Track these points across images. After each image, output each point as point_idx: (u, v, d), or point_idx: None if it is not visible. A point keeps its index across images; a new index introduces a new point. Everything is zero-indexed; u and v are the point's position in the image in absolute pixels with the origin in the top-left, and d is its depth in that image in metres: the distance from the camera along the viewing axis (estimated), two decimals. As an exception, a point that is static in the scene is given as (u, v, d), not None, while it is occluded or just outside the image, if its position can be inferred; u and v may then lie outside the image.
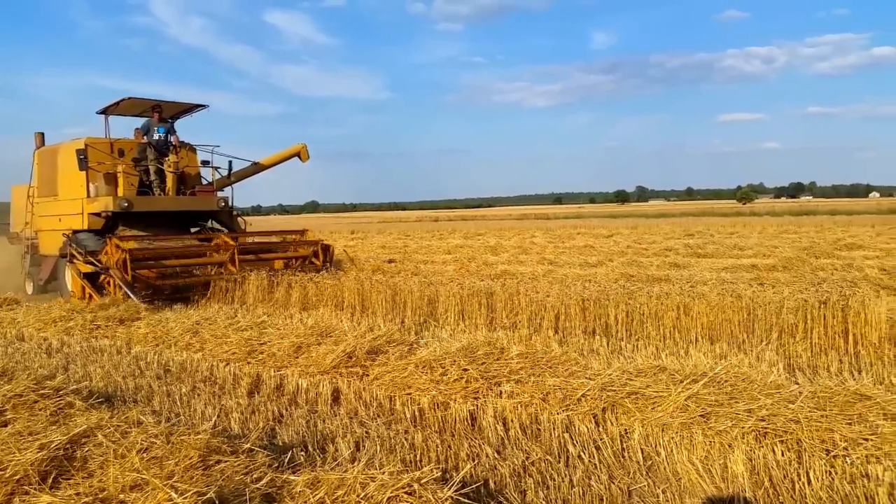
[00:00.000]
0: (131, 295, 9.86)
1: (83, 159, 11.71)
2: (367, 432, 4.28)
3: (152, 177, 12.28)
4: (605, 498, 3.30)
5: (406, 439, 4.11)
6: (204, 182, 13.36)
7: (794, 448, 3.56)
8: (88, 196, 11.65)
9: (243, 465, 3.22)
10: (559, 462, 3.74)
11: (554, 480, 3.49)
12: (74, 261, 10.74)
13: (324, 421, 4.57)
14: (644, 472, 3.58)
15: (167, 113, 12.90)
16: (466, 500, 2.97)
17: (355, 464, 3.15)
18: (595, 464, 3.69)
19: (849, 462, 3.33)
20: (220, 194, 13.17)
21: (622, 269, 12.95)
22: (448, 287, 8.42)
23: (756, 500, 3.20)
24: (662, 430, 3.94)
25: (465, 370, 5.04)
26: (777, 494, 3.22)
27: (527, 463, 3.73)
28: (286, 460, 3.54)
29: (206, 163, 13.33)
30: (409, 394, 4.93)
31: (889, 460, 3.28)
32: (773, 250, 15.73)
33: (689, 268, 13.28)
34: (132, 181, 12.06)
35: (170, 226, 12.48)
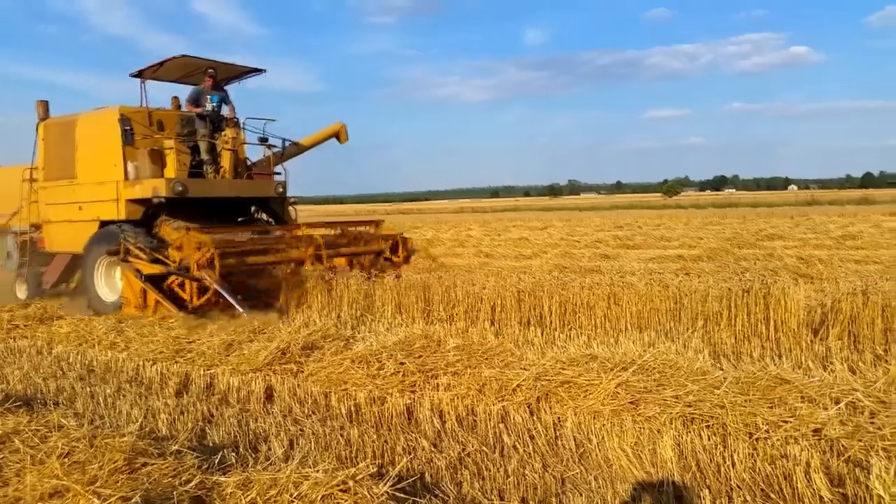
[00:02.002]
0: (235, 304, 7.71)
1: (128, 132, 9.29)
2: (301, 430, 4.21)
3: (204, 155, 9.90)
4: (538, 486, 3.35)
5: (342, 436, 4.07)
6: (248, 163, 10.95)
7: (720, 432, 3.69)
8: (126, 178, 9.28)
9: (171, 468, 3.11)
10: (494, 452, 3.77)
11: (489, 471, 3.51)
12: (130, 259, 8.38)
13: (256, 420, 4.47)
14: (577, 460, 3.65)
15: (221, 77, 10.48)
16: (402, 495, 2.96)
17: (289, 463, 3.09)
18: (529, 453, 3.73)
19: (770, 444, 3.48)
20: (277, 178, 10.98)
21: (556, 261, 13.18)
22: (385, 280, 8.37)
23: (684, 483, 3.30)
24: (594, 418, 4.02)
25: (402, 364, 5.03)
26: (704, 478, 3.33)
27: (463, 455, 3.74)
28: (216, 461, 3.45)
29: (264, 140, 10.77)
30: (346, 389, 4.88)
31: (806, 441, 3.44)
32: (699, 241, 16.28)
33: (618, 259, 13.63)
34: (183, 160, 9.80)
35: (216, 215, 10.19)
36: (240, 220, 10.97)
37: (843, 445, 3.34)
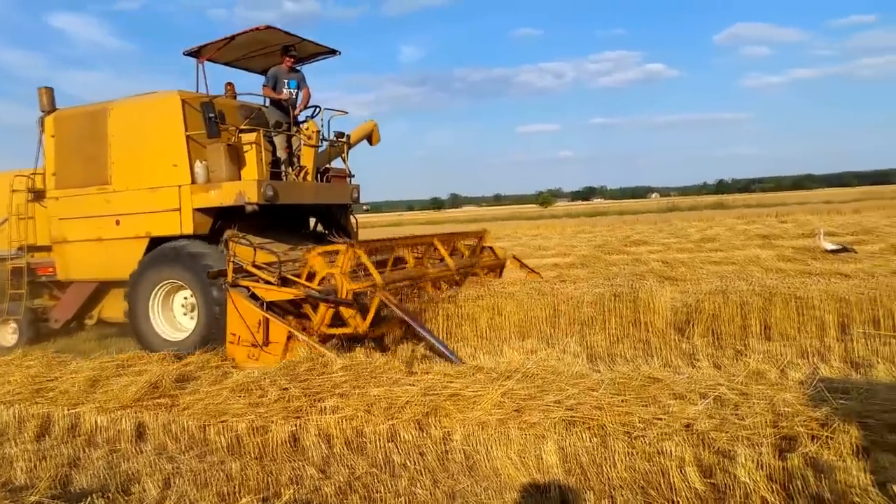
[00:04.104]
0: (438, 345, 5.77)
1: (213, 120, 7.13)
2: (177, 468, 3.96)
3: (280, 153, 8.15)
4: (429, 503, 3.33)
5: (222, 470, 3.86)
6: (285, 166, 8.54)
7: (600, 433, 3.82)
8: (193, 182, 7.37)
9: (28, 523, 2.83)
10: (384, 473, 3.71)
11: (379, 493, 3.46)
12: (243, 283, 6.27)
13: (127, 460, 4.17)
14: (466, 473, 3.66)
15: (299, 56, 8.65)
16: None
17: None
18: (419, 470, 3.71)
19: (646, 441, 3.64)
20: (352, 182, 9.19)
21: (439, 275, 13.24)
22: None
23: (569, 486, 3.39)
24: (482, 429, 4.06)
25: (286, 389, 4.86)
26: (587, 479, 3.44)
27: (352, 478, 3.66)
28: (82, 510, 3.17)
29: (341, 135, 8.93)
30: (225, 421, 4.64)
31: (678, 436, 3.64)
32: (572, 249, 16.94)
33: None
34: (266, 158, 7.84)
35: (278, 227, 8.20)
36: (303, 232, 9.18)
37: (711, 438, 3.55)
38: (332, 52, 9.05)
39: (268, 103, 8.40)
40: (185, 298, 7.50)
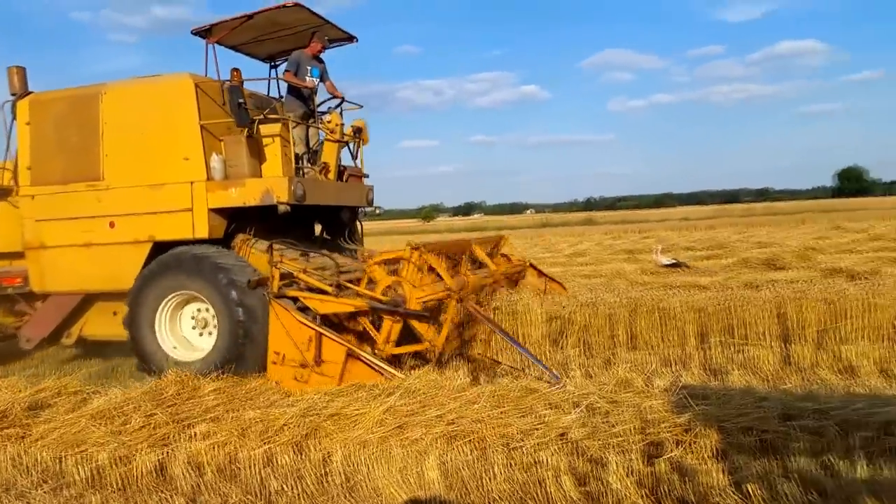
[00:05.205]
0: (535, 360, 5.42)
1: (242, 107, 6.32)
2: (27, 505, 3.61)
3: (299, 147, 7.35)
4: (309, 529, 3.22)
5: (79, 505, 3.56)
6: (304, 161, 7.60)
7: (480, 446, 3.85)
8: (210, 177, 6.39)
9: None
10: (259, 500, 3.57)
11: (255, 521, 3.31)
12: (290, 294, 5.59)
13: (-34, 501, 3.75)
14: (346, 494, 3.59)
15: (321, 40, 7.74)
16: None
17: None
18: (297, 495, 3.60)
19: (524, 452, 3.72)
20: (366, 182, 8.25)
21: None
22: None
23: (450, 501, 3.40)
24: (363, 448, 3.99)
25: (152, 415, 4.57)
26: (468, 493, 3.46)
27: (225, 507, 3.48)
28: None
29: (358, 130, 7.85)
30: (83, 451, 4.28)
31: (554, 445, 3.74)
32: (454, 264, 17.14)
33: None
34: (288, 152, 6.94)
35: (287, 232, 7.04)
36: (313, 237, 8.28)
37: (585, 446, 3.68)
38: (351, 38, 8.21)
39: (284, 93, 7.76)
40: (198, 311, 6.51)
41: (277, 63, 8.52)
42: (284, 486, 3.67)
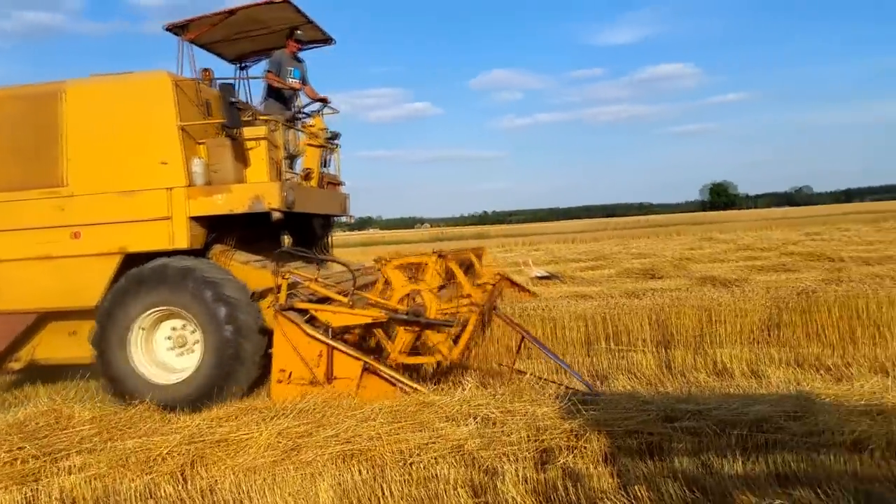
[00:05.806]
0: (569, 370, 5.30)
1: (234, 107, 5.89)
2: None
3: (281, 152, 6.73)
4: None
5: (-70, 556, 3.20)
6: (292, 168, 7.16)
7: (377, 464, 3.80)
8: (191, 183, 5.84)
9: None
10: (142, 535, 3.34)
11: (136, 558, 3.09)
12: (299, 306, 5.20)
13: None
14: (237, 523, 3.43)
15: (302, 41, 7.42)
16: None
17: None
18: (183, 527, 3.40)
19: (421, 466, 3.70)
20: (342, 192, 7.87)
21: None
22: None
23: (346, 522, 3.31)
24: (252, 474, 3.83)
25: (21, 449, 4.21)
26: (364, 512, 3.39)
27: (102, 545, 3.24)
28: None
29: (336, 136, 7.49)
30: (-66, 495, 3.88)
31: (451, 458, 3.75)
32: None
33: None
34: (275, 157, 6.40)
35: (256, 242, 6.63)
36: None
37: (480, 457, 3.71)
38: (329, 40, 7.99)
39: (261, 96, 7.44)
40: (174, 330, 5.98)
41: (245, 64, 8.21)
42: (168, 519, 3.46)
